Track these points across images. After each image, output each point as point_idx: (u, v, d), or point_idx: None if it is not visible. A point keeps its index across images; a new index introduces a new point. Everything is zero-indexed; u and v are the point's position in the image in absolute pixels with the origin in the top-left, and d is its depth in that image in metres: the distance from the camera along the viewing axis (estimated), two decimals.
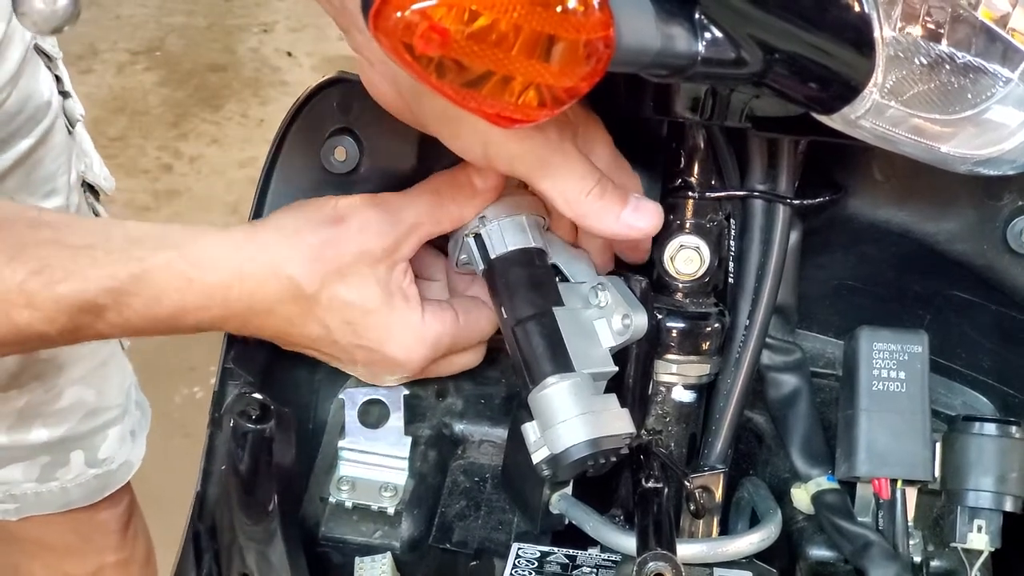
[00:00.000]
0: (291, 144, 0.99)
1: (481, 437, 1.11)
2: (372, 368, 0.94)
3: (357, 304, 0.89)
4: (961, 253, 0.99)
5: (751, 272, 1.00)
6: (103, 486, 1.51)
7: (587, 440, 0.88)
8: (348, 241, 0.89)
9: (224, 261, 0.86)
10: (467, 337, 0.96)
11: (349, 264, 0.89)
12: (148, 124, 3.51)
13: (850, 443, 0.98)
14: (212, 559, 0.97)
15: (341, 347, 0.91)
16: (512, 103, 0.69)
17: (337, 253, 0.88)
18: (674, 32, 0.73)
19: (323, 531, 1.03)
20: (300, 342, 0.92)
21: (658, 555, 0.86)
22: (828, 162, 0.99)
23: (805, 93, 0.77)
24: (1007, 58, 0.74)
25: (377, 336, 0.90)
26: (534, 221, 0.95)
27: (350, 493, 1.04)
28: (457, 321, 0.94)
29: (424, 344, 0.92)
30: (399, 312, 0.90)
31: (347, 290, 0.89)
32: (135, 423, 1.54)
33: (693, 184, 0.99)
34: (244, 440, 0.92)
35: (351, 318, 0.89)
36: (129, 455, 1.53)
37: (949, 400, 1.08)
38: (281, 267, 0.87)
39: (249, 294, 0.86)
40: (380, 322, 0.90)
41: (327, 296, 0.88)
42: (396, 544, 1.02)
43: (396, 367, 0.93)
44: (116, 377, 1.48)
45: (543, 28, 0.67)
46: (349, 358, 0.93)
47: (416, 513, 1.04)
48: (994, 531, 0.96)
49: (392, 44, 0.67)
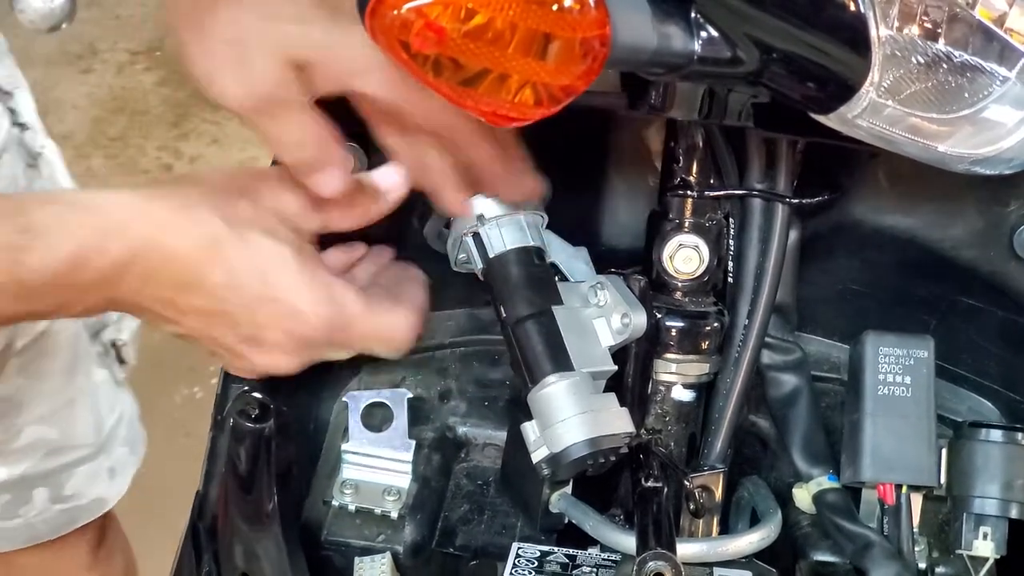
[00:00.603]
0: None
1: (484, 440, 1.11)
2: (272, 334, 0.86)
3: (270, 252, 0.84)
4: (968, 259, 0.99)
5: (750, 271, 1.00)
6: (71, 520, 1.47)
7: (586, 439, 0.88)
8: (269, 192, 0.86)
9: (124, 200, 0.80)
10: (372, 323, 0.89)
11: (267, 212, 0.85)
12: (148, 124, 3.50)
13: (855, 448, 0.97)
14: (211, 559, 0.97)
15: (244, 302, 0.84)
16: (508, 101, 0.69)
17: (257, 198, 0.85)
18: (670, 31, 0.73)
19: (326, 534, 1.03)
20: (197, 301, 0.84)
21: (658, 554, 0.86)
22: (830, 164, 0.99)
23: (801, 92, 0.77)
24: (1004, 57, 0.74)
25: (287, 286, 0.84)
26: (533, 220, 0.95)
27: (353, 496, 1.04)
28: (366, 300, 0.88)
29: (334, 306, 0.86)
30: (310, 265, 0.85)
31: (261, 238, 0.83)
32: (116, 461, 1.48)
33: (692, 183, 0.99)
34: (243, 439, 0.92)
35: (262, 261, 0.83)
36: (103, 492, 1.48)
37: (955, 405, 1.08)
38: (191, 201, 0.82)
39: (151, 234, 0.80)
40: (290, 272, 0.84)
41: (239, 240, 0.82)
42: (399, 548, 1.02)
43: (301, 326, 0.86)
44: (86, 416, 1.42)
45: (539, 26, 0.67)
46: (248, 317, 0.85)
47: (419, 517, 1.04)
48: (1000, 538, 0.96)
49: (388, 42, 0.67)
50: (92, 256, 0.78)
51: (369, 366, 1.10)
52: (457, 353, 1.12)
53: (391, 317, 0.90)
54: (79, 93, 3.60)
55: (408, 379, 1.11)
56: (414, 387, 1.10)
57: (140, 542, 2.44)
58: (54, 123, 3.48)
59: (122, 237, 0.79)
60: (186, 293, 0.83)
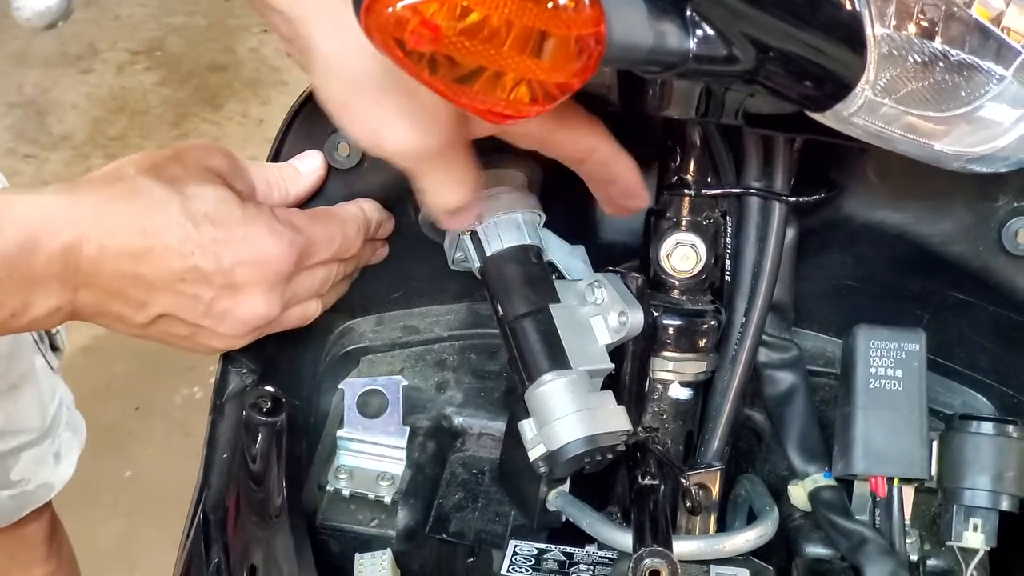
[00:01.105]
0: (295, 138, 0.99)
1: (480, 430, 1.12)
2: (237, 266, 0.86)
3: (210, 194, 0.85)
4: (957, 255, 0.99)
5: (747, 269, 1.00)
6: (20, 506, 1.48)
7: (584, 437, 0.88)
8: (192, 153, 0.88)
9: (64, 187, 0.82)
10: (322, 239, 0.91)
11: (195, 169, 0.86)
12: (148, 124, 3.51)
13: (847, 441, 0.98)
14: (220, 550, 0.97)
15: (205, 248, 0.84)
16: (504, 99, 0.69)
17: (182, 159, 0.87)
18: (666, 29, 0.73)
19: (320, 519, 1.03)
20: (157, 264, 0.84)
21: (654, 552, 0.86)
22: (824, 161, 0.99)
23: (797, 90, 0.77)
24: (1001, 56, 0.74)
25: (239, 219, 0.86)
26: (530, 218, 0.95)
27: (348, 482, 1.04)
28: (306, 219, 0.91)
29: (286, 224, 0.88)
30: (252, 210, 0.87)
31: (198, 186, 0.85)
32: (61, 445, 1.50)
33: (689, 181, 0.99)
34: (256, 433, 0.92)
35: (207, 208, 0.85)
36: (49, 477, 1.49)
37: (948, 399, 1.08)
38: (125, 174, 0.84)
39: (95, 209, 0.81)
40: (237, 209, 0.86)
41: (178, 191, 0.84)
42: (392, 533, 1.02)
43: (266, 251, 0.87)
44: (31, 400, 1.43)
45: (534, 24, 0.67)
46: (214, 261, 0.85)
47: (413, 503, 1.04)
48: (990, 530, 0.96)
49: (383, 40, 0.67)
50: (42, 239, 0.79)
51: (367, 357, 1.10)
52: (455, 346, 1.12)
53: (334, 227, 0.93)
54: (79, 93, 3.60)
55: (406, 371, 1.12)
56: (412, 378, 1.11)
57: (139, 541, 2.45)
58: (54, 123, 3.49)
59: (69, 218, 0.80)
60: (147, 259, 0.83)
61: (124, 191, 0.83)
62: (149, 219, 0.83)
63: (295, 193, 0.96)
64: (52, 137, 3.44)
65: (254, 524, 0.95)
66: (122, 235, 0.82)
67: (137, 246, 0.82)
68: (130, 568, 2.41)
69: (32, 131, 3.45)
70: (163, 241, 0.83)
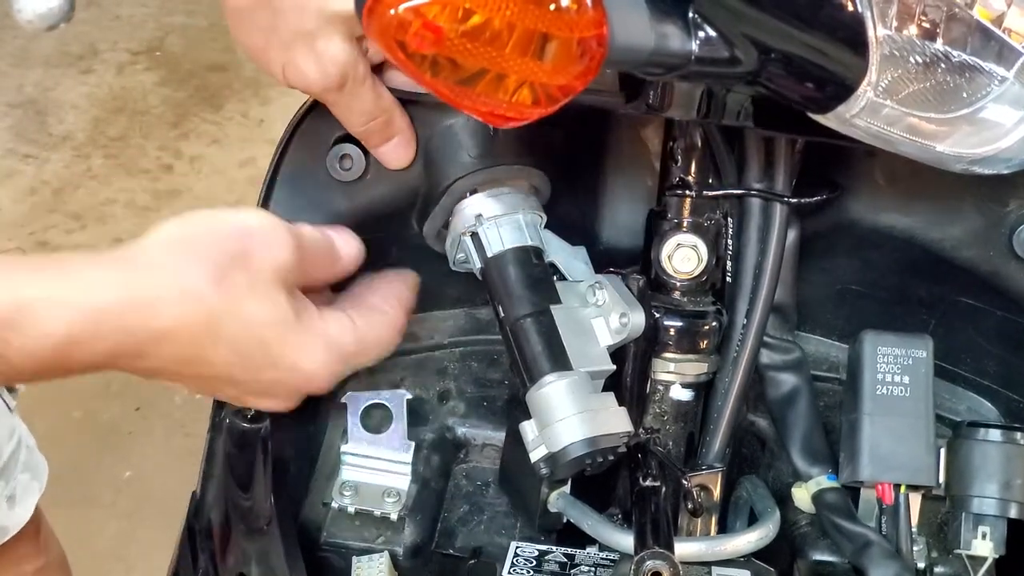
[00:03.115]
0: (296, 151, 0.98)
1: (483, 440, 1.11)
2: (279, 391, 0.87)
3: (273, 320, 0.82)
4: (967, 259, 0.99)
5: (749, 271, 1.00)
6: None
7: (585, 439, 0.88)
8: (259, 254, 0.82)
9: (116, 282, 0.77)
10: (369, 346, 0.90)
11: (261, 277, 0.82)
12: (148, 124, 3.50)
13: (854, 447, 0.98)
14: (208, 560, 0.97)
15: (248, 371, 0.83)
16: (506, 101, 0.69)
17: (249, 267, 0.81)
18: (668, 31, 0.73)
19: (325, 536, 1.03)
20: (199, 371, 0.82)
21: (656, 553, 0.86)
22: (829, 164, 0.99)
23: (799, 92, 0.77)
24: (1003, 57, 0.74)
25: (290, 350, 0.84)
26: (531, 219, 0.95)
27: (353, 498, 1.03)
28: (356, 327, 0.88)
29: (333, 354, 0.86)
30: (306, 323, 0.84)
31: (261, 306, 0.81)
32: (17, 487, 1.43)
33: (690, 183, 0.99)
34: (239, 439, 0.92)
35: (263, 333, 0.82)
36: (3, 520, 1.42)
37: (953, 405, 1.08)
38: (185, 283, 0.78)
39: (146, 317, 0.77)
40: (292, 336, 0.83)
41: (241, 314, 0.80)
42: (400, 550, 1.02)
43: (306, 383, 0.86)
44: None
45: (537, 26, 0.67)
46: (252, 382, 0.85)
47: (419, 518, 1.04)
48: (998, 538, 0.96)
49: (386, 41, 0.67)
50: (84, 342, 0.76)
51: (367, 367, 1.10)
52: (456, 353, 1.12)
53: (382, 332, 0.90)
54: (79, 93, 3.59)
55: (407, 379, 1.11)
56: (413, 388, 1.10)
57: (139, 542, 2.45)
58: (54, 123, 3.49)
59: (115, 325, 0.76)
60: (187, 366, 0.82)
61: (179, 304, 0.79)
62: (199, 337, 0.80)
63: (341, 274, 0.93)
64: (52, 137, 3.43)
65: (242, 533, 0.95)
66: (169, 349, 0.79)
67: (181, 356, 0.80)
68: (128, 569, 2.40)
69: (32, 131, 3.45)
70: (210, 356, 0.81)
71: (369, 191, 0.98)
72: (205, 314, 0.79)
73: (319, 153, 0.97)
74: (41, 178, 3.30)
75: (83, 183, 3.29)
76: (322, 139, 0.97)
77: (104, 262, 0.78)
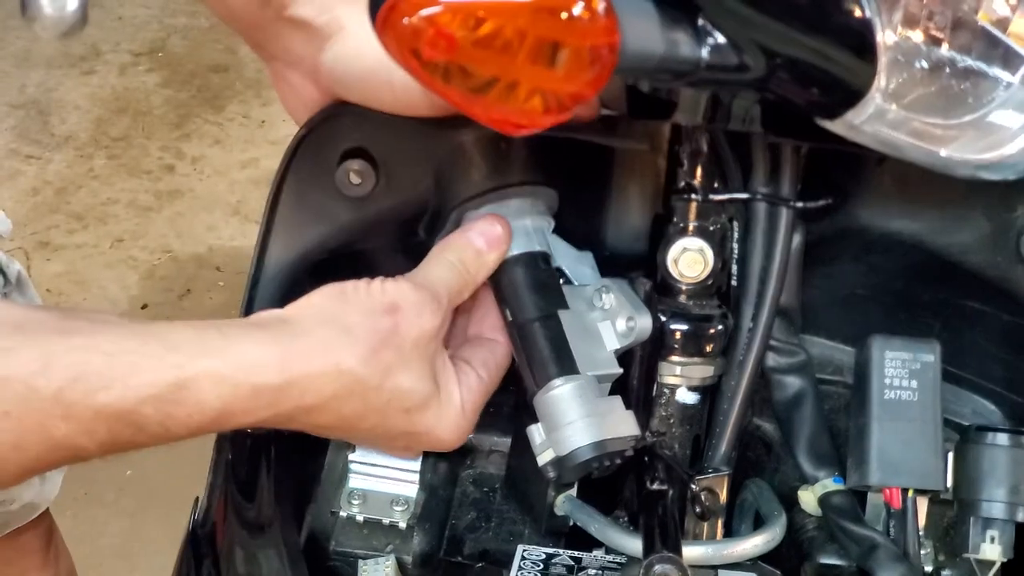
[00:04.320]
0: (302, 166, 0.98)
1: (490, 446, 1.11)
2: (410, 448, 0.92)
3: (416, 392, 0.86)
4: (974, 264, 0.99)
5: (754, 274, 1.00)
6: (3, 524, 1.48)
7: (592, 442, 0.88)
8: (408, 330, 0.85)
9: (272, 363, 0.80)
10: (493, 388, 0.94)
11: (409, 353, 0.85)
12: (151, 125, 3.51)
13: (862, 452, 0.97)
14: (211, 565, 0.97)
15: (390, 435, 0.88)
16: (517, 109, 0.69)
17: (398, 343, 0.85)
18: (678, 38, 0.73)
19: (333, 545, 1.03)
20: (348, 433, 0.89)
21: (664, 557, 0.86)
22: (834, 168, 0.99)
23: (808, 98, 0.77)
24: (1008, 62, 0.74)
25: (431, 420, 0.88)
26: (538, 225, 0.95)
27: (361, 506, 1.03)
28: (483, 381, 0.92)
29: (468, 419, 0.90)
30: (447, 393, 0.89)
31: (408, 378, 0.85)
32: None
33: (696, 187, 0.99)
34: (242, 445, 0.92)
35: (410, 405, 0.86)
36: (34, 497, 1.48)
37: (958, 408, 1.08)
38: (340, 364, 0.82)
39: (300, 394, 0.81)
40: (435, 406, 0.88)
41: (389, 387, 0.84)
42: (409, 559, 1.02)
43: (441, 446, 0.91)
44: None
45: (548, 34, 0.67)
46: (389, 440, 0.90)
47: (427, 526, 1.04)
48: (1007, 542, 0.96)
49: (399, 50, 0.67)
50: (239, 415, 0.79)
51: None
52: None
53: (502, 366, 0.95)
54: (81, 94, 3.60)
55: None
56: None
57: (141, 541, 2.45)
58: (56, 124, 3.49)
59: (270, 400, 0.80)
60: (333, 431, 0.87)
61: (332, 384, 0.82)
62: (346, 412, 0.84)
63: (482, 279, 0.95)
64: (55, 138, 3.44)
65: (244, 537, 0.95)
66: (318, 419, 0.84)
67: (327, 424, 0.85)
68: (131, 567, 2.41)
69: (35, 132, 3.45)
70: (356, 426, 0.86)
71: (378, 204, 0.98)
72: (356, 392, 0.83)
73: (326, 166, 0.97)
74: (43, 178, 3.30)
75: (85, 183, 3.30)
76: (329, 152, 0.97)
77: (262, 338, 0.81)
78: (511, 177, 0.94)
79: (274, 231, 0.99)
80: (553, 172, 0.95)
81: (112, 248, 3.12)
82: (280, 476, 0.96)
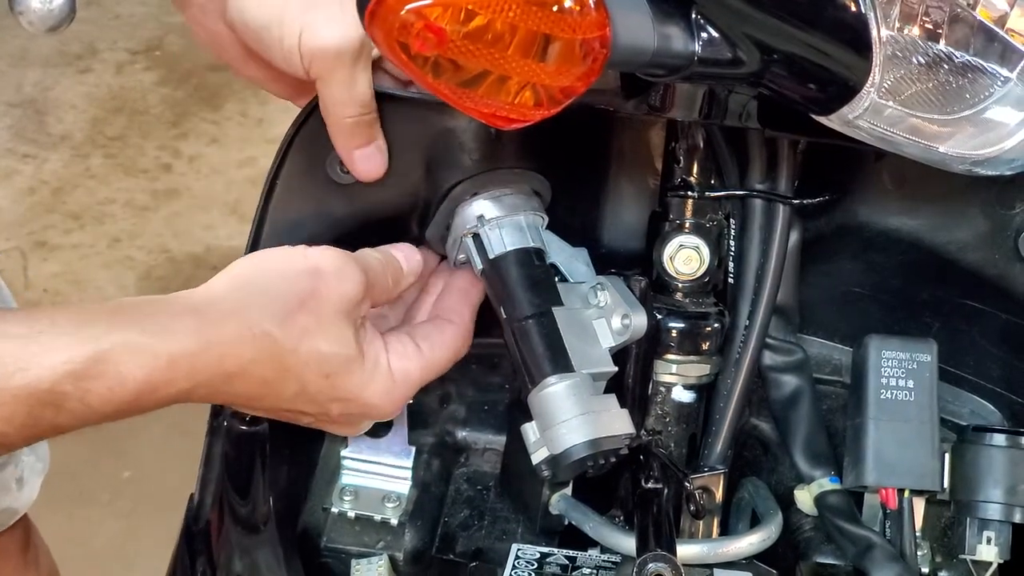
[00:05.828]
0: (296, 154, 0.97)
1: (484, 445, 1.11)
2: (346, 419, 0.90)
3: (336, 355, 0.85)
4: (972, 262, 0.99)
5: (751, 272, 1.00)
6: None
7: (587, 441, 0.88)
8: (328, 293, 0.85)
9: (189, 328, 0.79)
10: (436, 365, 0.92)
11: (329, 315, 0.84)
12: (147, 123, 3.50)
13: (858, 452, 0.97)
14: (206, 562, 0.97)
15: (317, 403, 0.87)
16: (508, 103, 0.69)
17: (317, 305, 0.84)
18: (671, 32, 0.73)
19: (325, 541, 1.03)
20: (271, 404, 0.86)
21: (658, 556, 0.86)
22: (831, 164, 0.99)
23: (802, 93, 0.77)
24: (1005, 58, 0.74)
25: (356, 384, 0.86)
26: (533, 221, 0.94)
27: (353, 503, 1.03)
28: (421, 353, 0.91)
29: (400, 386, 0.89)
30: (371, 358, 0.87)
31: (327, 342, 0.84)
32: (24, 469, 1.47)
33: (692, 183, 0.99)
34: (239, 442, 0.91)
35: (330, 370, 0.85)
36: (12, 503, 1.46)
37: (956, 408, 1.07)
38: (254, 326, 0.81)
39: (219, 359, 0.80)
40: (357, 371, 0.86)
41: (305, 350, 0.83)
42: (400, 555, 1.02)
43: (374, 413, 0.90)
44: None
45: (539, 28, 0.67)
46: (322, 413, 0.88)
47: (419, 523, 1.03)
48: (1004, 543, 0.96)
49: (388, 43, 0.67)
50: (161, 386, 0.79)
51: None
52: None
53: (449, 346, 0.93)
54: (78, 93, 3.59)
55: None
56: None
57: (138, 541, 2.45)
58: (53, 123, 3.48)
59: (189, 369, 0.79)
60: (258, 400, 0.85)
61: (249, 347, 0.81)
62: (268, 376, 0.83)
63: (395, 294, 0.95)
64: (51, 137, 3.43)
65: (239, 534, 0.95)
66: (239, 387, 0.82)
67: (251, 393, 0.84)
68: (127, 568, 2.40)
69: (31, 131, 3.45)
70: (279, 392, 0.84)
71: (369, 195, 0.97)
72: (274, 354, 0.82)
73: (320, 157, 0.97)
74: (40, 178, 3.30)
75: (82, 183, 3.29)
76: (323, 143, 0.96)
77: (177, 308, 0.80)
78: (501, 162, 0.93)
79: (267, 224, 0.98)
80: (545, 158, 0.94)
81: (109, 248, 3.12)
82: (275, 472, 0.96)
